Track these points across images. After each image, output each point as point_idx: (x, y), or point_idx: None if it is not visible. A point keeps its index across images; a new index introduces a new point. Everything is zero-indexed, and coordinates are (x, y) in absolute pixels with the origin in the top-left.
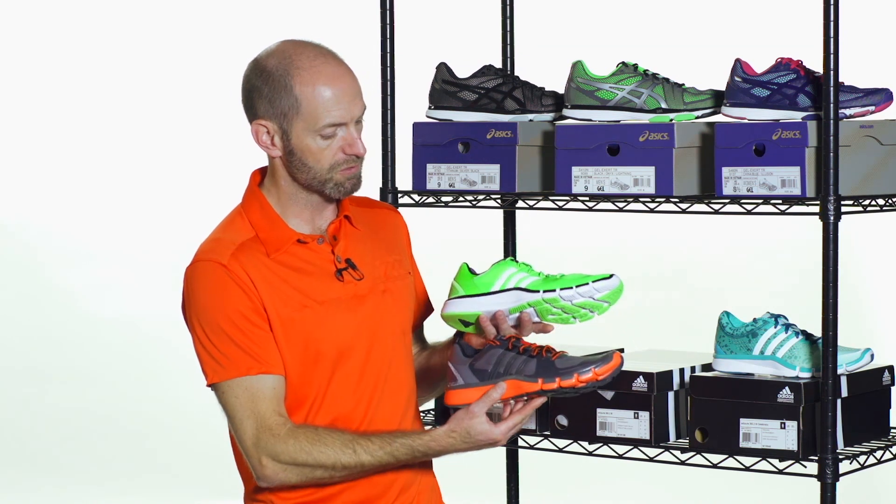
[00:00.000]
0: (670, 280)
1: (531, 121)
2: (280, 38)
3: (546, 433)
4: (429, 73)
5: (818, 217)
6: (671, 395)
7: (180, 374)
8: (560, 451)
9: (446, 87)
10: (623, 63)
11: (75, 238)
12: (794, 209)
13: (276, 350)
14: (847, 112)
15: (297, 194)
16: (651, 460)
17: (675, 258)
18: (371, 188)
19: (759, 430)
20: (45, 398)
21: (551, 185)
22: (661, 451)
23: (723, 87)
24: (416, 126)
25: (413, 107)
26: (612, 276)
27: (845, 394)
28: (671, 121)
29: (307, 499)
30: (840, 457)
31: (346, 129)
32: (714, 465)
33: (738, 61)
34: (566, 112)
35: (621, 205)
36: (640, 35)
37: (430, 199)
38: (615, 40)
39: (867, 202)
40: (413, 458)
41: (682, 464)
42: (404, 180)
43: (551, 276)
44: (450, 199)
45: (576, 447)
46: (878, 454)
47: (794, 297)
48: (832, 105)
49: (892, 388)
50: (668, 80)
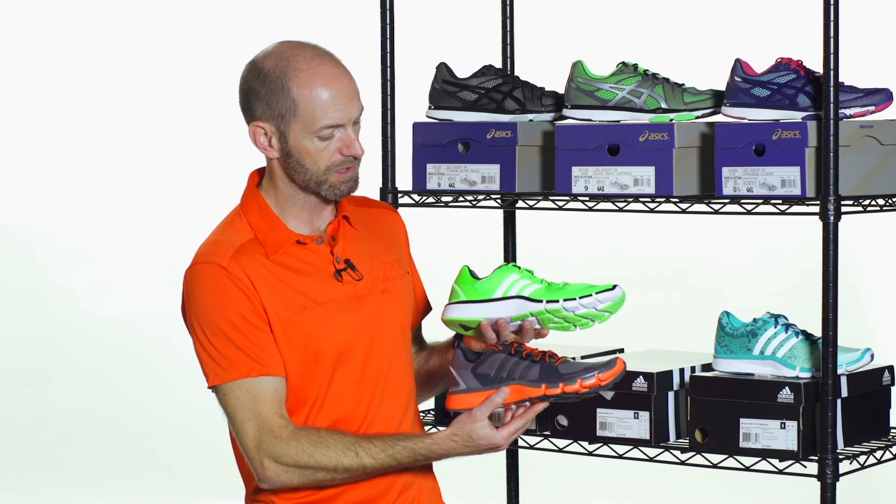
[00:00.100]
0: (670, 280)
1: (531, 121)
2: (278, 39)
3: (546, 433)
4: (429, 73)
5: (818, 217)
6: (671, 395)
7: (180, 374)
8: (560, 451)
9: (446, 87)
10: (623, 63)
11: (75, 238)
12: (794, 209)
13: (277, 352)
14: (847, 112)
15: (295, 195)
16: (651, 460)
17: (675, 258)
18: (371, 188)
19: (759, 430)
20: (45, 398)
21: (551, 185)
22: (661, 451)
23: (723, 87)
24: (416, 126)
25: (413, 107)
26: (615, 286)
27: (845, 394)
28: (671, 121)
29: (308, 499)
30: (840, 457)
31: (344, 130)
32: (714, 465)
33: (738, 61)
34: (566, 112)
35: (621, 205)
36: (640, 35)
37: (430, 199)
38: (615, 40)
39: (867, 202)
40: (415, 461)
41: (682, 464)
42: (404, 180)
43: (554, 284)
44: (450, 199)
45: (576, 447)
46: (878, 454)
47: (794, 297)
48: (832, 105)
49: (892, 388)
50: (668, 80)
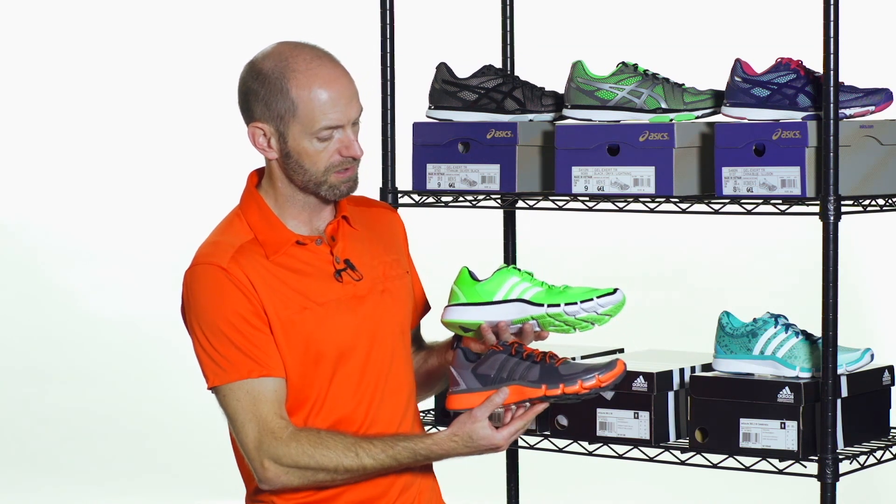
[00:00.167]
0: (670, 280)
1: (531, 121)
2: (278, 39)
3: (546, 433)
4: (429, 73)
5: (818, 217)
6: (671, 395)
7: (180, 374)
8: (560, 451)
9: (446, 87)
10: (623, 63)
11: (75, 238)
12: (794, 209)
13: (277, 352)
14: (847, 112)
15: (295, 196)
16: (651, 460)
17: (675, 258)
18: (371, 188)
19: (759, 430)
20: (45, 398)
21: (551, 185)
22: (661, 451)
23: (723, 87)
24: (416, 126)
25: (413, 107)
26: (615, 290)
27: (845, 394)
28: (671, 121)
29: (308, 500)
30: (840, 457)
31: (343, 131)
32: (714, 465)
33: (738, 61)
34: (566, 112)
35: (621, 205)
36: (640, 35)
37: (430, 199)
38: (615, 40)
39: (867, 202)
40: (415, 462)
41: (682, 464)
42: (404, 180)
43: (554, 287)
44: (450, 199)
45: (576, 447)
46: (878, 454)
47: (794, 297)
48: (832, 105)
49: (892, 388)
50: (668, 80)
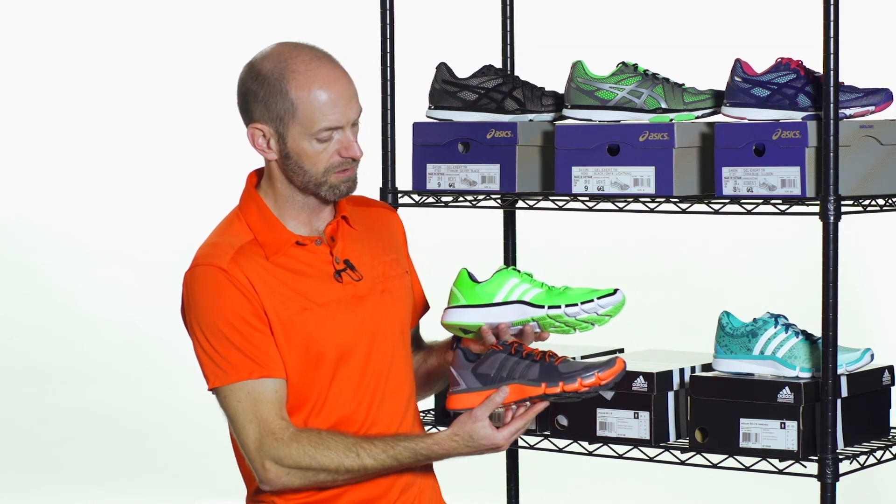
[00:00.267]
0: (670, 280)
1: (531, 121)
2: (277, 40)
3: (546, 433)
4: (429, 73)
5: (818, 217)
6: (671, 395)
7: (180, 374)
8: (560, 451)
9: (446, 87)
10: (623, 63)
11: (75, 238)
12: (794, 209)
13: (277, 353)
14: (847, 112)
15: (294, 196)
16: (651, 460)
17: (675, 258)
18: (371, 188)
19: (759, 430)
20: (45, 398)
21: (551, 185)
22: (661, 451)
23: (723, 87)
24: (416, 126)
25: (413, 107)
26: (616, 291)
27: (845, 394)
28: (671, 121)
29: (309, 500)
30: (840, 457)
31: (343, 132)
32: (714, 465)
33: (738, 61)
34: (566, 112)
35: (621, 205)
36: (640, 35)
37: (430, 199)
38: (615, 40)
39: (867, 202)
40: (416, 462)
41: (682, 464)
42: (404, 180)
43: (554, 288)
44: (450, 199)
45: (576, 447)
46: (878, 454)
47: (794, 297)
48: (832, 105)
49: (892, 388)
50: (668, 80)
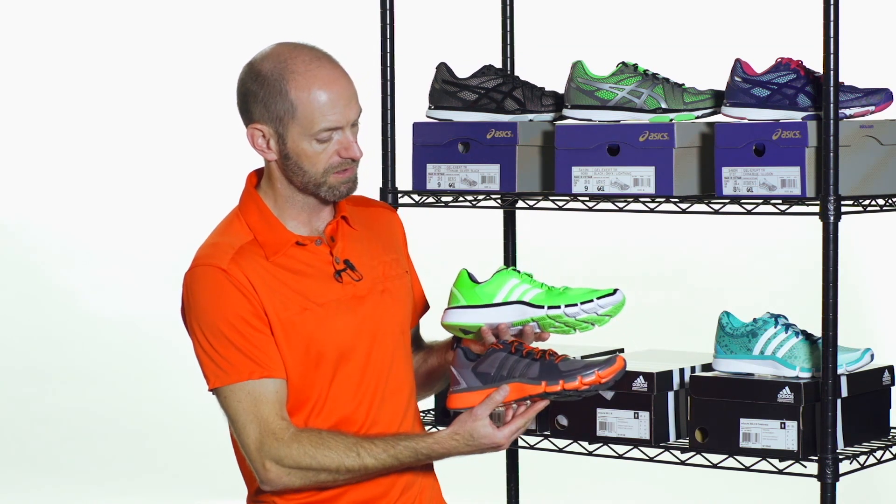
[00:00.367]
0: (670, 280)
1: (531, 121)
2: (277, 40)
3: (546, 433)
4: (429, 73)
5: (818, 217)
6: (671, 395)
7: (180, 374)
8: (560, 451)
9: (446, 87)
10: (623, 63)
11: (75, 238)
12: (794, 209)
13: (278, 353)
14: (847, 112)
15: (294, 197)
16: (651, 460)
17: (675, 258)
18: (371, 188)
19: (759, 430)
20: (45, 398)
21: (551, 185)
22: (661, 451)
23: (723, 87)
24: (416, 126)
25: (413, 107)
26: (615, 291)
27: (845, 394)
28: (671, 121)
29: (310, 500)
30: (840, 457)
31: (342, 132)
32: (714, 465)
33: (738, 61)
34: (566, 112)
35: (621, 205)
36: (640, 35)
37: (430, 199)
38: (615, 40)
39: (867, 202)
40: (416, 461)
41: (682, 464)
42: (404, 180)
43: (554, 289)
44: (450, 199)
45: (576, 447)
46: (878, 454)
47: (794, 297)
48: (832, 105)
49: (892, 388)
50: (668, 80)
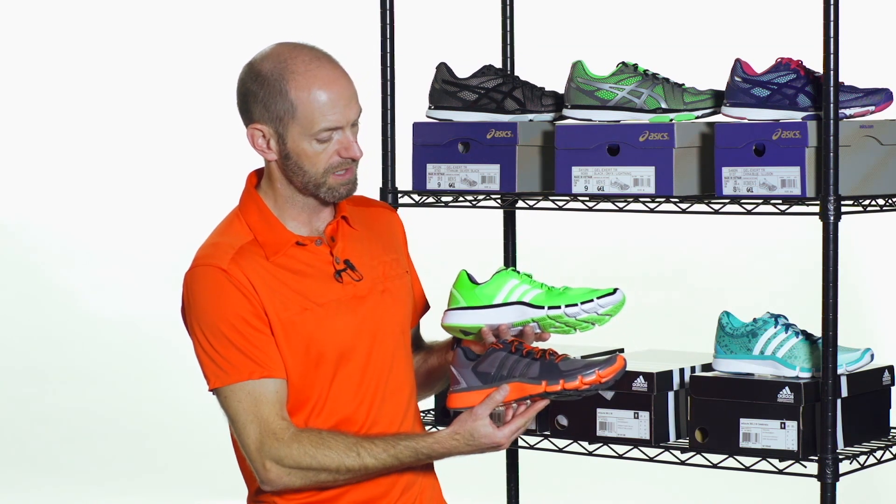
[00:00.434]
0: (670, 280)
1: (531, 121)
2: (277, 40)
3: (546, 433)
4: (429, 73)
5: (818, 217)
6: (671, 395)
7: (180, 374)
8: (560, 451)
9: (446, 87)
10: (623, 63)
11: (75, 238)
12: (794, 209)
13: (278, 354)
14: (847, 112)
15: (294, 197)
16: (651, 460)
17: (675, 258)
18: (371, 188)
19: (759, 430)
20: (45, 398)
21: (551, 185)
22: (661, 451)
23: (723, 87)
24: (416, 126)
25: (413, 107)
26: (615, 290)
27: (845, 394)
28: (671, 121)
29: (310, 500)
30: (840, 457)
31: (343, 132)
32: (714, 465)
33: (738, 61)
34: (566, 112)
35: (621, 205)
36: (640, 35)
37: (430, 199)
38: (615, 40)
39: (867, 202)
40: (416, 461)
41: (682, 464)
42: (404, 180)
43: (554, 289)
44: (450, 199)
45: (576, 447)
46: (878, 454)
47: (794, 297)
48: (832, 105)
49: (892, 388)
50: (668, 80)
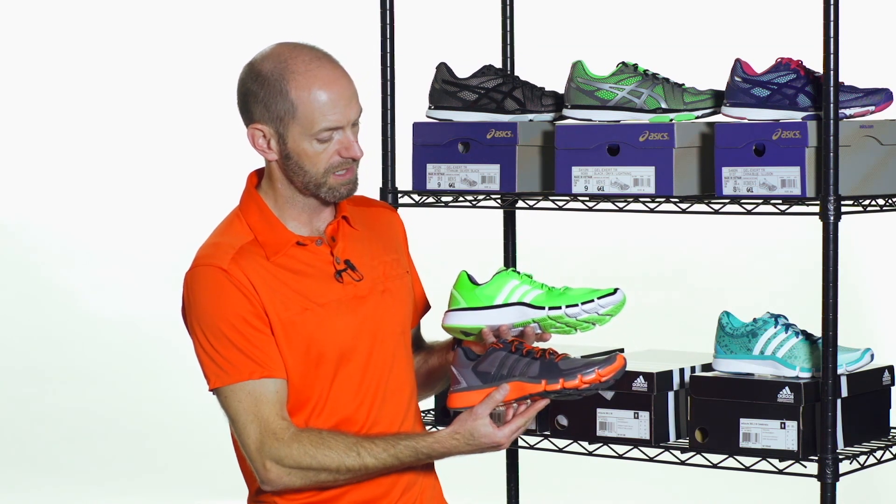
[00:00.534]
0: (670, 280)
1: (531, 121)
2: (277, 40)
3: (546, 433)
4: (429, 73)
5: (818, 217)
6: (671, 395)
7: (180, 374)
8: (560, 451)
9: (446, 87)
10: (623, 63)
11: (75, 238)
12: (794, 209)
13: (278, 354)
14: (847, 112)
15: (295, 197)
16: (651, 460)
17: (675, 258)
18: (371, 188)
19: (759, 430)
20: (45, 398)
21: (551, 185)
22: (661, 451)
23: (723, 87)
24: (416, 126)
25: (413, 107)
26: (616, 290)
27: (845, 394)
28: (671, 121)
29: (311, 500)
30: (840, 457)
31: (343, 132)
32: (714, 465)
33: (738, 61)
34: (566, 112)
35: (621, 205)
36: (640, 35)
37: (430, 199)
38: (615, 40)
39: (867, 202)
40: (417, 461)
41: (682, 464)
42: (404, 180)
43: (554, 289)
44: (450, 199)
45: (576, 447)
46: (878, 454)
47: (794, 297)
48: (832, 105)
49: (892, 388)
50: (668, 80)
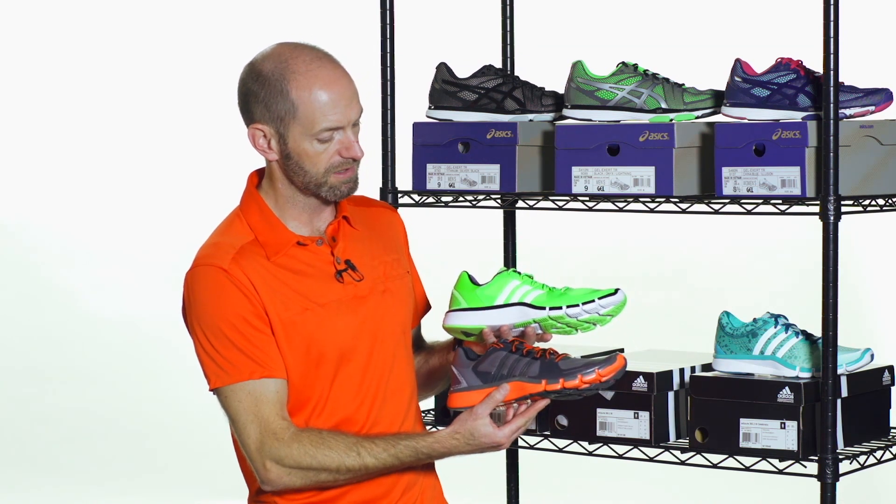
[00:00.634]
0: (670, 280)
1: (531, 121)
2: (278, 40)
3: (546, 433)
4: (429, 73)
5: (818, 217)
6: (671, 395)
7: (180, 374)
8: (560, 451)
9: (446, 87)
10: (623, 63)
11: (75, 238)
12: (794, 209)
13: (279, 354)
14: (847, 112)
15: (295, 197)
16: (651, 460)
17: (675, 258)
18: (371, 188)
19: (759, 430)
20: (45, 398)
21: (551, 185)
22: (661, 451)
23: (723, 87)
24: (416, 126)
25: (413, 107)
26: (617, 290)
27: (845, 394)
28: (671, 121)
29: (311, 500)
30: (840, 457)
31: (343, 132)
32: (714, 465)
33: (738, 61)
34: (566, 112)
35: (621, 205)
36: (640, 35)
37: (430, 199)
38: (615, 40)
39: (867, 202)
40: (417, 461)
41: (682, 464)
42: (404, 180)
43: (555, 290)
44: (450, 199)
45: (576, 447)
46: (878, 454)
47: (794, 297)
48: (832, 105)
49: (892, 388)
50: (668, 80)
